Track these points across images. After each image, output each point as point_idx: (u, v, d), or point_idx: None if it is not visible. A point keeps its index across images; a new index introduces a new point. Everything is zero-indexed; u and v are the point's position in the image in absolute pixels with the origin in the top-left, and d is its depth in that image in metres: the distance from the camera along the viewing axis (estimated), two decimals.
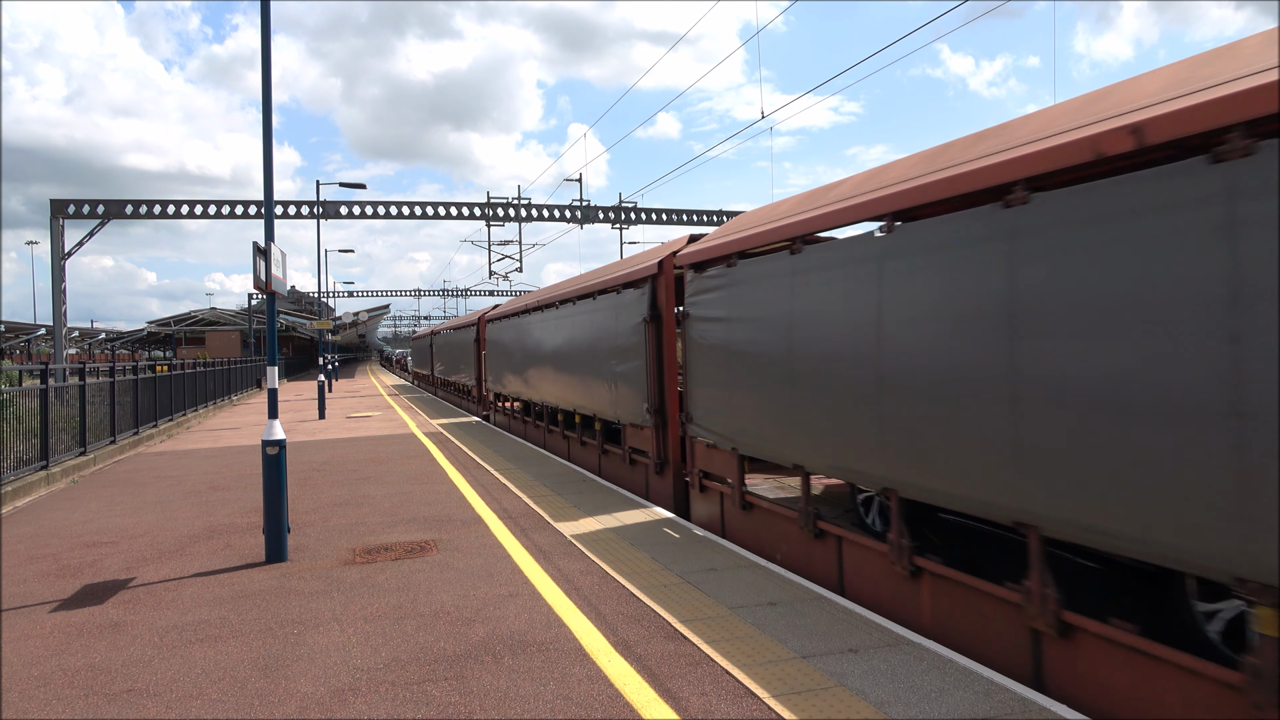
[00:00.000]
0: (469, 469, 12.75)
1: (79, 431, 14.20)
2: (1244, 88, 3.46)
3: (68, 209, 34.05)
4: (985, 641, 5.01)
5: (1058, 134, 4.43)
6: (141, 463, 15.05)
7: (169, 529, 8.99)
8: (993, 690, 4.29)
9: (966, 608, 5.17)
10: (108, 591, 6.66)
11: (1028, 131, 4.76)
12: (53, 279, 33.24)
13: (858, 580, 6.30)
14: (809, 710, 4.10)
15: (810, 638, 5.12)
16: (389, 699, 4.41)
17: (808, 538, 6.91)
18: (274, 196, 8.09)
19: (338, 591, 6.44)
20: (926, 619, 5.52)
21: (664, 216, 43.45)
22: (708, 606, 5.77)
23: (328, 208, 36.21)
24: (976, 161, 4.94)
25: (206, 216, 36.09)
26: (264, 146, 7.90)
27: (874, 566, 6.08)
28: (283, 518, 7.50)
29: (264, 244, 7.69)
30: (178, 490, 11.61)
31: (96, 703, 4.51)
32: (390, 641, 5.28)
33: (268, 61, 7.82)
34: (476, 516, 9.10)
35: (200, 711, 4.35)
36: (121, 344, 70.34)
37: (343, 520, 9.13)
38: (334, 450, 15.84)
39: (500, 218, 40.93)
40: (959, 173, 5.03)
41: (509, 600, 6.06)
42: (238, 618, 5.87)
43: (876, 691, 4.31)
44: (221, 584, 6.78)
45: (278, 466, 7.56)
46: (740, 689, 4.38)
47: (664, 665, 4.75)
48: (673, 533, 8.10)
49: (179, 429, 21.33)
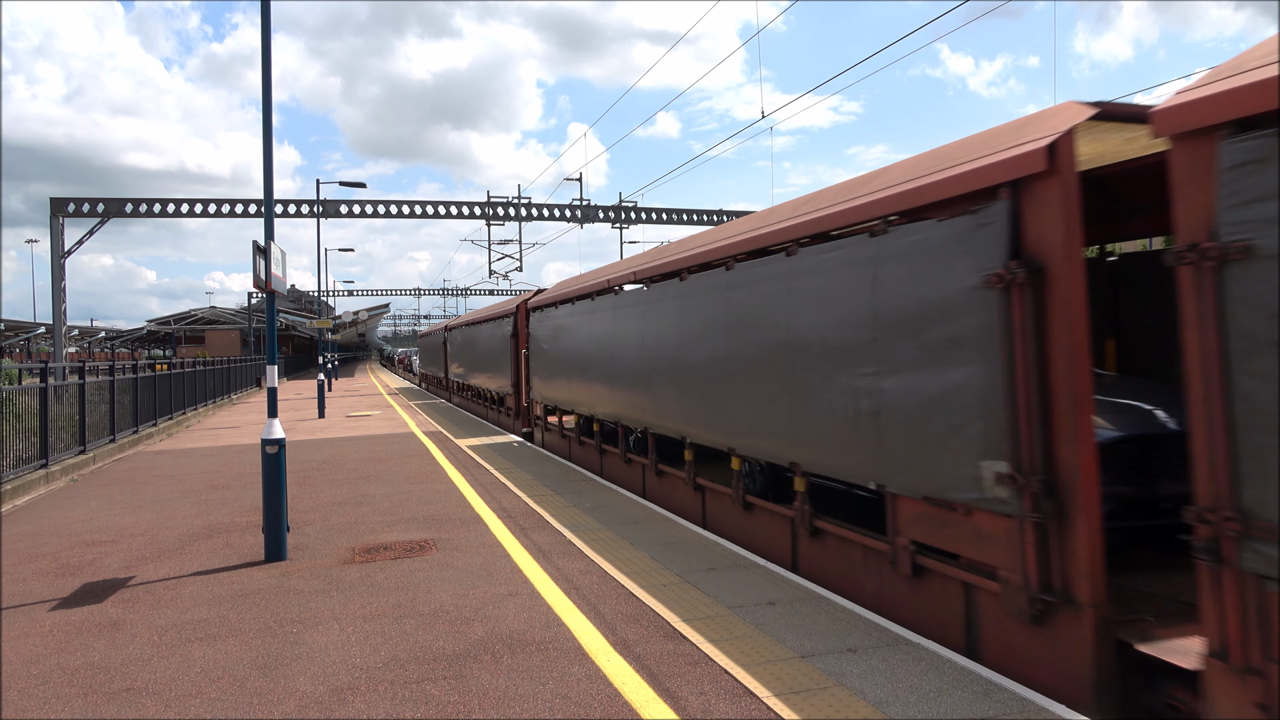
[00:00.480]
0: (468, 468, 12.74)
1: (78, 430, 14.20)
2: (880, 196, 5.78)
3: (68, 207, 34.05)
4: (764, 541, 7.78)
5: (783, 221, 7.17)
6: (141, 461, 15.05)
7: (168, 528, 9.00)
8: (991, 690, 4.29)
9: (759, 521, 7.95)
10: (107, 590, 6.66)
11: (787, 210, 7.50)
12: (52, 277, 33.24)
13: (613, 472, 12.24)
14: (808, 709, 4.11)
15: (809, 637, 5.13)
16: (388, 698, 4.42)
17: (578, 444, 14.08)
18: (274, 195, 8.09)
19: (337, 590, 6.44)
20: (700, 519, 9.17)
21: (664, 216, 43.47)
22: (707, 606, 5.77)
23: (328, 206, 36.21)
24: (705, 248, 8.77)
25: (206, 215, 36.08)
26: (264, 145, 7.90)
27: (623, 468, 11.90)
28: (282, 517, 7.51)
29: (264, 243, 7.69)
30: (177, 489, 11.61)
31: (95, 701, 4.51)
32: (389, 640, 5.29)
33: (268, 60, 7.82)
34: (476, 516, 9.10)
35: (199, 710, 4.35)
36: (121, 342, 70.36)
37: (342, 519, 9.14)
38: (334, 449, 15.84)
39: (500, 217, 40.94)
40: (691, 254, 9.08)
41: (508, 599, 6.06)
42: (237, 616, 5.88)
43: (875, 691, 4.31)
44: (221, 583, 6.78)
45: (277, 465, 7.56)
46: (739, 688, 4.39)
47: (663, 665, 4.75)
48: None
49: (179, 428, 21.33)
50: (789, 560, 7.34)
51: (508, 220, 41.44)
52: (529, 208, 41.14)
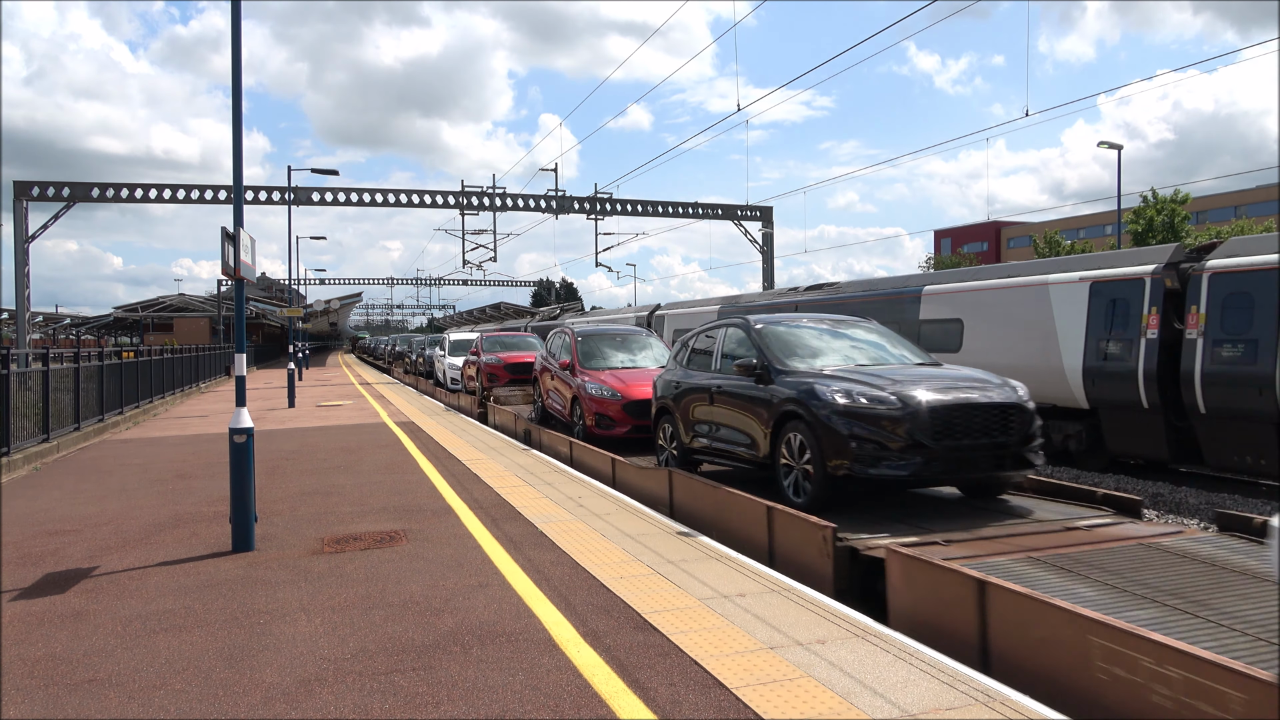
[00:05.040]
0: (440, 459, 12.68)
1: (42, 418, 13.96)
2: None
3: (31, 191, 33.40)
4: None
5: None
6: (106, 450, 14.83)
7: (134, 517, 8.87)
8: (957, 680, 4.34)
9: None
10: (70, 580, 6.56)
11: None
12: (15, 262, 32.61)
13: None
14: (776, 700, 4.13)
15: (778, 629, 5.16)
16: (356, 689, 4.39)
17: None
18: (243, 181, 7.98)
19: (305, 581, 6.39)
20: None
21: (639, 208, 43.39)
22: (677, 597, 5.79)
23: (299, 194, 35.81)
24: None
25: (175, 201, 35.55)
26: (234, 130, 7.78)
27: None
28: (250, 506, 7.43)
29: (233, 229, 7.59)
30: (143, 478, 11.45)
31: (57, 693, 4.44)
32: (358, 631, 5.25)
33: (238, 42, 7.69)
34: (447, 507, 9.06)
35: (164, 701, 4.30)
36: (87, 329, 69.27)
37: (311, 509, 9.06)
38: (304, 439, 15.70)
39: (475, 206, 40.70)
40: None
41: (478, 590, 6.04)
42: (203, 607, 5.81)
43: (843, 682, 4.35)
44: (187, 573, 6.70)
45: (245, 455, 7.48)
46: (708, 679, 4.40)
47: (632, 656, 4.76)
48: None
49: (146, 416, 21.04)
50: None
51: (482, 210, 41.21)
52: (504, 198, 40.92)
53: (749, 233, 45.20)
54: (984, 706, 4.05)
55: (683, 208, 44.46)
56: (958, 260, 69.86)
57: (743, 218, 45.12)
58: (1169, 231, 45.60)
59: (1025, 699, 4.14)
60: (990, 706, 4.05)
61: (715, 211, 45.15)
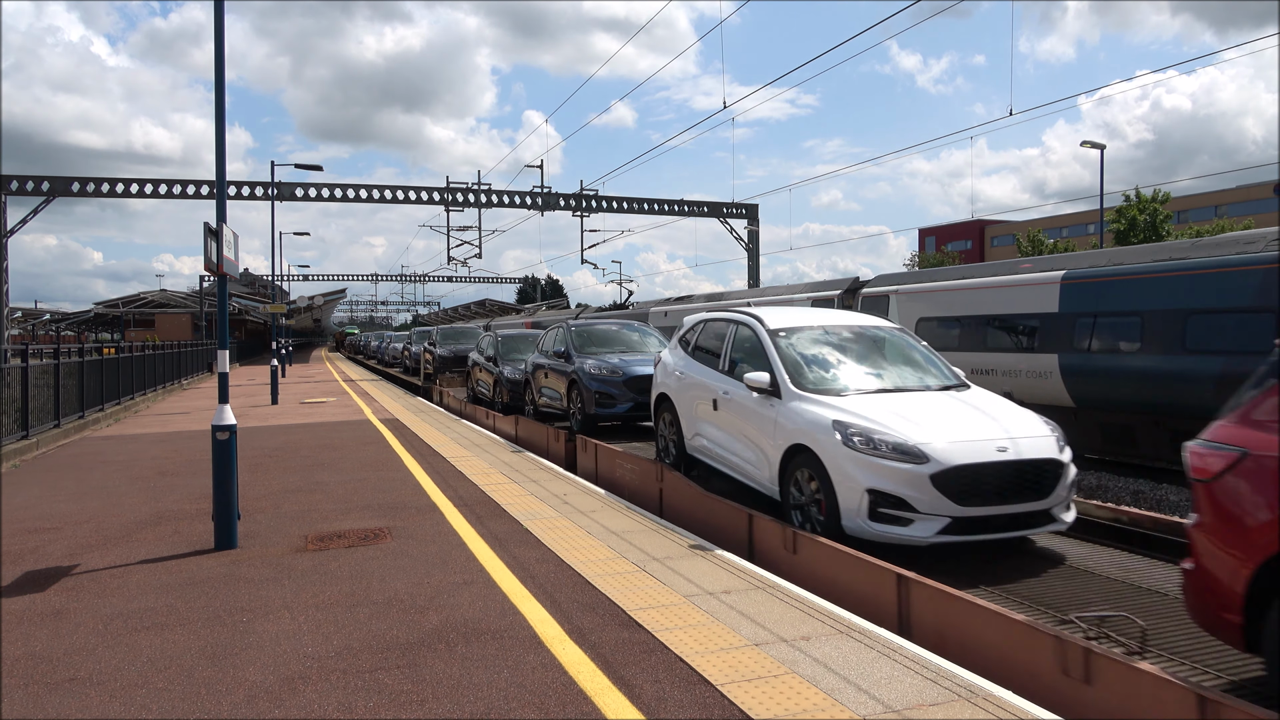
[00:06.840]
0: (424, 456, 12.64)
1: (20, 415, 13.82)
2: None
3: (10, 185, 33.03)
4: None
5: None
6: (87, 447, 14.70)
7: (115, 515, 8.80)
8: (940, 676, 4.37)
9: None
10: (50, 578, 6.50)
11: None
12: None
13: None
14: (761, 697, 4.15)
15: (763, 625, 5.18)
16: (340, 687, 4.37)
17: None
18: (226, 176, 7.92)
19: (289, 579, 6.36)
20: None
21: (625, 205, 43.37)
22: (662, 594, 5.80)
23: (283, 189, 35.59)
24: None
25: (157, 196, 35.25)
26: (216, 125, 7.72)
27: None
28: (233, 504, 7.38)
29: (215, 225, 7.53)
30: (125, 475, 11.36)
31: (37, 692, 4.40)
32: (342, 629, 5.23)
33: (220, 35, 7.62)
34: (432, 504, 9.04)
35: (146, 700, 4.27)
36: (67, 325, 68.57)
37: (295, 507, 9.01)
38: (287, 436, 15.61)
39: (460, 203, 40.59)
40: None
41: (463, 588, 6.03)
42: (185, 605, 5.77)
43: (828, 679, 4.37)
44: (169, 571, 6.65)
45: (228, 452, 7.43)
46: (693, 676, 4.41)
47: (617, 653, 4.77)
48: None
49: (127, 413, 20.86)
50: None
51: (467, 206, 41.11)
52: (489, 194, 40.82)
53: (735, 230, 45.28)
54: (966, 702, 4.08)
55: (668, 205, 44.47)
56: (941, 259, 70.15)
57: (728, 215, 45.20)
58: (1151, 230, 45.92)
59: (1007, 694, 4.17)
60: (973, 702, 4.08)
61: (701, 209, 45.21)
